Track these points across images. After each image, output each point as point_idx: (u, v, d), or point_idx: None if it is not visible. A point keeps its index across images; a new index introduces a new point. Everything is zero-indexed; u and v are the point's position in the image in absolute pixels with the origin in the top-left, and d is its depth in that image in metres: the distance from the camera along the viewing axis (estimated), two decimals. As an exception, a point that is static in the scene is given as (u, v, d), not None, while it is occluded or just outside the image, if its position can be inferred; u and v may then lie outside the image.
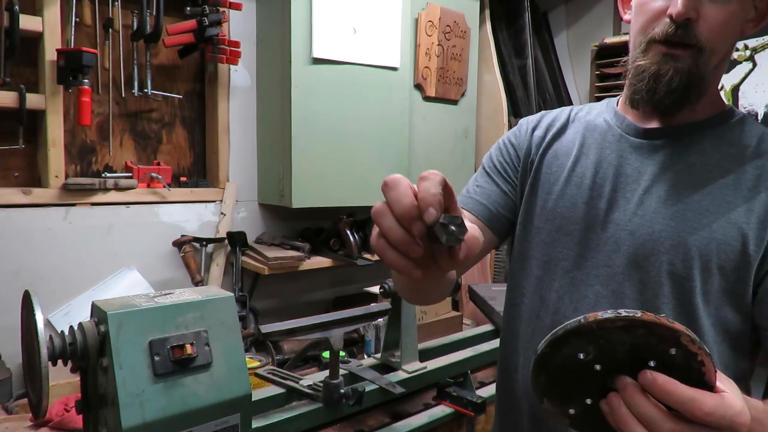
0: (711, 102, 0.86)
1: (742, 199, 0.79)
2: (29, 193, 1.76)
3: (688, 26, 0.77)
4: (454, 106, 2.60)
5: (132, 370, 0.89)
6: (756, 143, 0.83)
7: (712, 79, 0.83)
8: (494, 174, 1.01)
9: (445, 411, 1.42)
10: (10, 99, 1.67)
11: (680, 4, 0.75)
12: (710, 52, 0.79)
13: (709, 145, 0.84)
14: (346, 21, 2.13)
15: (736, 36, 0.82)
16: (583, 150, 0.93)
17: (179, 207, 2.08)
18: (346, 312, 1.29)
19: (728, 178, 0.81)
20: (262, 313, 2.25)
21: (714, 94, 0.86)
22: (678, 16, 0.76)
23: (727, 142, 0.84)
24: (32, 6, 1.74)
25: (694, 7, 0.76)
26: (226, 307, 1.02)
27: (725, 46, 0.81)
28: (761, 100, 2.86)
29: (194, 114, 2.18)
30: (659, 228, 0.81)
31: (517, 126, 1.06)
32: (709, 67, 0.80)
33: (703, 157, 0.83)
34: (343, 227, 2.24)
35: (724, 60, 0.83)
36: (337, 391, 1.20)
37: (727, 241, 0.78)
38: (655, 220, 0.82)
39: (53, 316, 1.80)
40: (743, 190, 0.80)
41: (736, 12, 0.78)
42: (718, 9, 0.77)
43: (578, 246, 0.88)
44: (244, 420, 1.01)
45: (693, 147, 0.84)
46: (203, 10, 1.93)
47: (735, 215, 0.78)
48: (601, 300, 0.85)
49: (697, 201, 0.81)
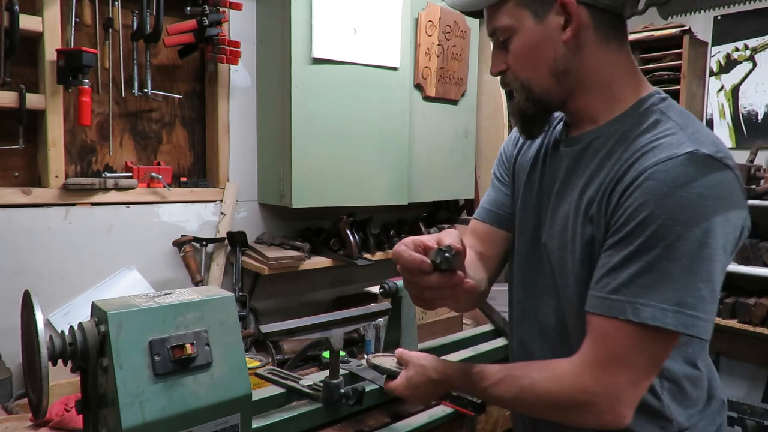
0: (607, 108, 0.94)
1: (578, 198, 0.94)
2: (29, 193, 1.76)
3: (503, 76, 0.97)
4: (454, 106, 2.60)
5: (132, 370, 0.89)
6: (612, 144, 0.91)
7: (569, 95, 0.94)
8: (496, 181, 1.19)
9: (445, 411, 1.42)
10: (10, 99, 1.67)
11: (491, 66, 0.99)
12: (527, 83, 0.94)
13: (588, 150, 0.96)
14: (346, 21, 2.12)
15: (547, 55, 0.91)
16: (539, 156, 1.07)
17: (179, 207, 2.08)
18: (346, 312, 1.29)
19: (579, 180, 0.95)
20: (262, 313, 2.25)
21: (607, 100, 0.94)
22: (492, 73, 0.99)
23: (594, 148, 0.95)
24: (32, 6, 1.74)
25: (503, 61, 0.96)
26: (226, 307, 1.02)
27: (541, 72, 0.92)
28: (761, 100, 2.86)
29: (194, 114, 2.18)
30: (555, 229, 0.98)
31: (510, 134, 1.22)
32: (539, 91, 0.94)
33: (580, 161, 0.96)
34: (343, 227, 2.24)
35: (565, 74, 0.92)
36: (337, 391, 1.20)
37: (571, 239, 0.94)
38: (555, 222, 0.98)
39: (53, 316, 1.80)
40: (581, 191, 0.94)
41: (522, 44, 0.92)
42: (510, 54, 0.94)
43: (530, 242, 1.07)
44: (244, 420, 1.01)
45: (587, 150, 0.96)
46: (203, 10, 1.93)
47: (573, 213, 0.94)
48: (549, 287, 1.01)
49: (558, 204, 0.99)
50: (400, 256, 0.87)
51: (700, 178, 0.79)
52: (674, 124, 0.86)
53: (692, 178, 0.79)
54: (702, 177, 0.79)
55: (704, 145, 0.81)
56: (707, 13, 2.99)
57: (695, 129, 0.85)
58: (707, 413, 0.99)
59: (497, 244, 1.15)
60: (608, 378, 0.83)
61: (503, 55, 0.96)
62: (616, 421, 0.84)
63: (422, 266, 0.86)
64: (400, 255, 0.87)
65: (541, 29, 0.90)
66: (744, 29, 2.88)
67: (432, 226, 2.69)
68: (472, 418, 1.46)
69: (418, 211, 2.70)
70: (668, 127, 0.86)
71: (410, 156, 2.41)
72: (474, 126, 2.73)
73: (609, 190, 0.87)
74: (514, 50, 0.93)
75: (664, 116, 0.88)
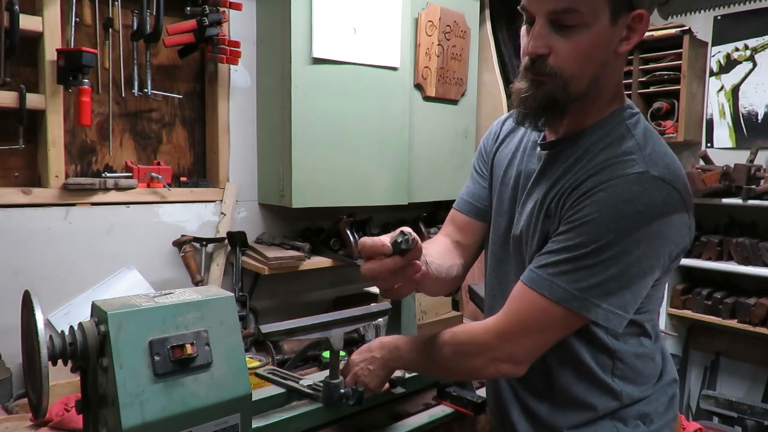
0: (590, 116, 0.99)
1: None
2: (29, 193, 1.76)
3: (538, 61, 0.92)
4: (454, 106, 2.61)
5: (132, 370, 0.89)
6: (581, 152, 0.98)
7: (584, 96, 0.95)
8: (476, 174, 1.26)
9: (445, 411, 1.42)
10: (10, 99, 1.67)
11: (530, 45, 0.92)
12: (569, 78, 0.92)
13: (561, 155, 1.01)
14: (346, 21, 2.13)
15: (598, 59, 0.92)
16: (516, 154, 1.13)
17: (179, 207, 2.08)
18: (346, 312, 1.29)
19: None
20: (262, 313, 2.25)
21: (597, 108, 0.99)
22: (530, 54, 0.93)
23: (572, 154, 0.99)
24: (32, 6, 1.74)
25: (545, 44, 0.91)
26: (226, 307, 1.02)
27: (587, 73, 0.93)
28: (761, 100, 2.86)
29: (194, 114, 2.18)
30: (522, 223, 1.05)
31: (488, 130, 1.27)
32: (573, 90, 0.93)
33: (555, 165, 1.01)
34: (343, 227, 2.24)
35: (595, 80, 0.94)
36: (337, 391, 1.20)
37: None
38: (521, 217, 1.06)
39: (53, 316, 1.80)
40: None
41: (589, 42, 0.90)
42: (567, 43, 0.90)
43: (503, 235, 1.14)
44: (244, 420, 1.01)
45: (560, 155, 1.01)
46: (203, 10, 1.93)
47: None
48: (516, 275, 1.05)
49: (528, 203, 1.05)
50: (364, 243, 0.97)
51: (642, 197, 0.88)
52: (635, 143, 0.94)
53: (636, 196, 0.88)
54: (644, 196, 0.88)
55: (656, 167, 0.91)
56: (707, 13, 2.99)
57: (652, 150, 0.93)
58: (659, 386, 1.09)
59: (473, 234, 1.24)
60: (512, 345, 0.98)
61: (551, 39, 0.90)
62: (513, 372, 0.99)
63: (383, 249, 0.95)
64: (364, 243, 0.97)
65: (611, 33, 0.90)
66: (744, 29, 2.87)
67: (432, 226, 2.69)
68: (472, 418, 1.46)
69: (418, 211, 2.70)
70: (629, 146, 0.94)
71: (410, 156, 2.41)
72: (474, 126, 2.73)
73: (567, 192, 0.96)
74: (577, 43, 0.89)
75: (628, 133, 0.96)
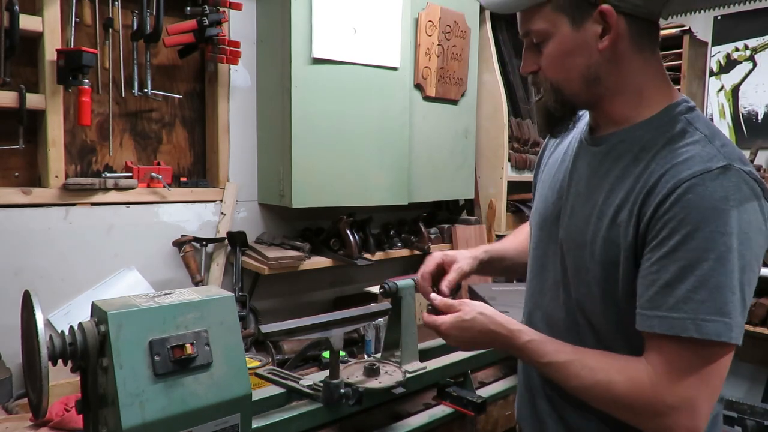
0: (634, 113, 0.94)
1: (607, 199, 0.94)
2: (29, 193, 1.76)
3: (533, 77, 0.98)
4: (454, 106, 2.61)
5: (132, 370, 0.89)
6: (637, 150, 0.92)
7: (599, 99, 0.95)
8: (534, 188, 1.24)
9: (445, 411, 1.42)
10: (10, 99, 1.67)
11: (521, 65, 1.00)
12: (557, 86, 0.94)
13: (612, 153, 0.96)
14: (346, 21, 2.13)
15: (580, 61, 0.92)
16: (566, 155, 1.08)
17: (179, 207, 2.08)
18: (346, 312, 1.29)
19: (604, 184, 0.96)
20: (262, 313, 2.25)
21: (636, 105, 0.94)
22: (523, 73, 1.01)
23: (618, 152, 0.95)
24: (32, 6, 1.74)
25: (534, 62, 0.96)
26: (226, 307, 1.02)
27: (574, 77, 0.93)
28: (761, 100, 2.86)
29: (194, 114, 2.18)
30: (573, 228, 0.99)
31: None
32: (568, 93, 0.94)
33: (605, 164, 0.96)
34: (343, 227, 2.23)
35: (592, 80, 0.93)
36: (337, 391, 1.20)
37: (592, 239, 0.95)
38: (572, 221, 1.00)
39: (53, 316, 1.80)
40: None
41: (558, 50, 0.92)
42: (544, 57, 0.94)
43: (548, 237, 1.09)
44: (244, 420, 1.01)
45: (611, 153, 0.96)
46: (203, 10, 1.93)
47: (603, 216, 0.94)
48: (561, 282, 1.03)
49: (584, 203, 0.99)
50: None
51: (735, 192, 0.81)
52: (702, 135, 0.87)
53: (730, 193, 0.81)
54: (737, 191, 0.81)
55: (735, 161, 0.84)
56: (707, 13, 2.99)
57: (723, 142, 0.87)
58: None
59: None
60: (687, 392, 0.83)
61: (535, 56, 0.96)
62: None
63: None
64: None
65: (578, 36, 0.90)
66: (744, 29, 2.88)
67: (432, 226, 2.69)
68: (472, 418, 1.46)
69: (418, 211, 2.70)
70: (696, 139, 0.87)
71: (410, 156, 2.41)
72: (474, 126, 2.74)
73: (641, 199, 0.87)
74: (548, 54, 0.93)
75: (690, 126, 0.89)
